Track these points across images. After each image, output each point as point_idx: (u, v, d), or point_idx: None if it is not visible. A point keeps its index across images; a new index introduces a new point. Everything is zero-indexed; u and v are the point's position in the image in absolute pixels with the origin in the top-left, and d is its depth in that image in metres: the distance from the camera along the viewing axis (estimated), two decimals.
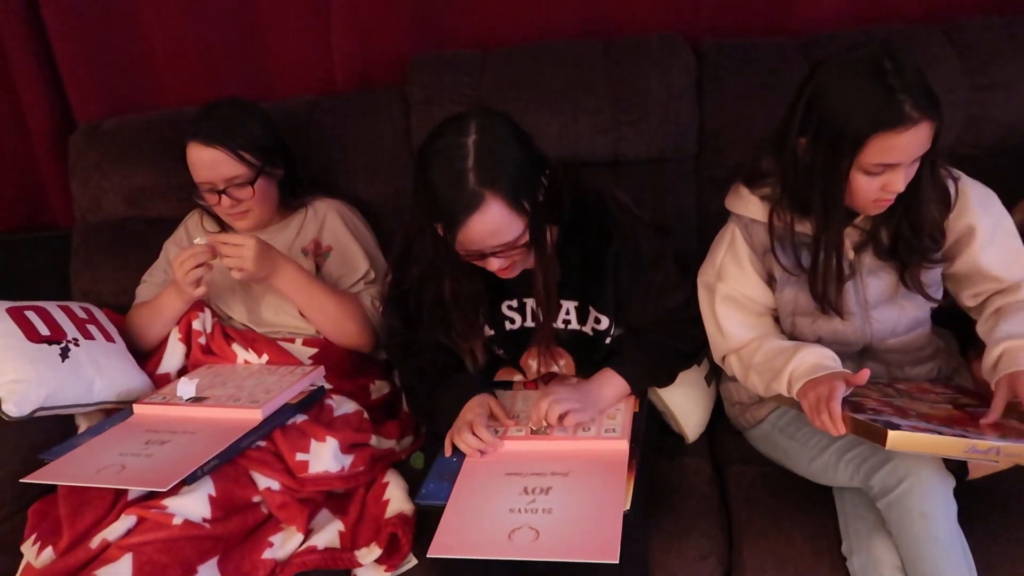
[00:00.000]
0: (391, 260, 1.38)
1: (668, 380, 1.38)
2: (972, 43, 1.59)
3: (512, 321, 1.36)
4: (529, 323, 1.35)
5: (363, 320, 1.52)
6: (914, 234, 1.19)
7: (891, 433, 0.99)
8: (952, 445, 1.01)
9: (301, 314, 1.51)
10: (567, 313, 1.33)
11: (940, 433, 1.01)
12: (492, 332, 1.36)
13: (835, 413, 1.07)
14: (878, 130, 1.07)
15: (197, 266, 1.40)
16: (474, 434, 1.22)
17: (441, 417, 1.30)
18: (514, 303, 1.34)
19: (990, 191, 1.25)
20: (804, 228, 1.22)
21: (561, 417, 1.21)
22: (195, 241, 1.42)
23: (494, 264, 1.20)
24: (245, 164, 1.46)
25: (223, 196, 1.47)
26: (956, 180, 1.23)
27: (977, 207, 1.22)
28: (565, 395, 1.24)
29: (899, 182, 1.11)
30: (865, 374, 1.10)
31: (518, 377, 1.43)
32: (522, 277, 1.28)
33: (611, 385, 1.31)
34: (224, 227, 1.61)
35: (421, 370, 1.36)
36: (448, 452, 1.24)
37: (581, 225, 1.28)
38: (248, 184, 1.47)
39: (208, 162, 1.45)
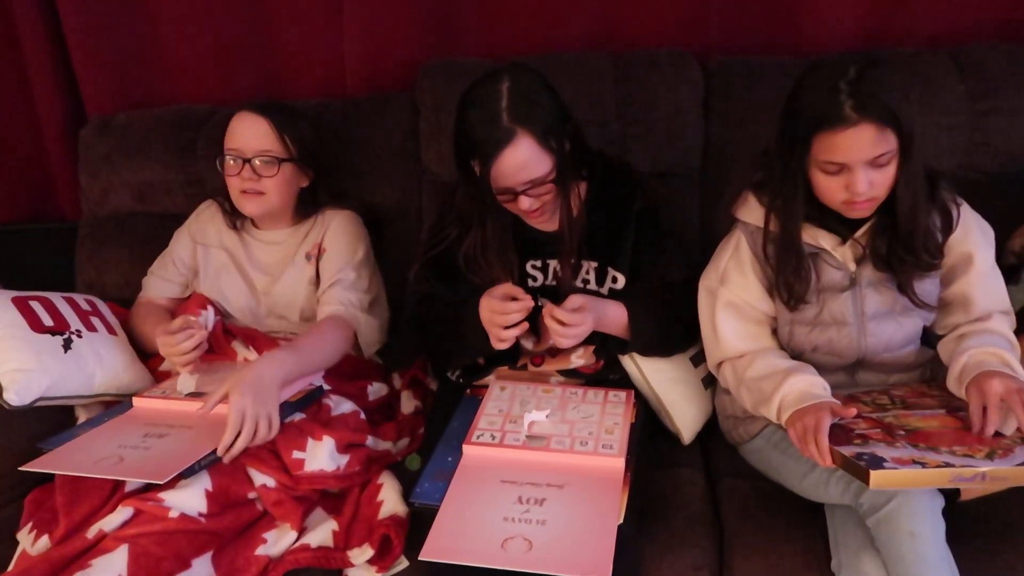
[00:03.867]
0: (427, 225, 1.47)
1: (664, 343, 1.40)
2: (977, 69, 1.60)
3: (535, 279, 1.42)
4: (550, 282, 1.42)
5: (347, 337, 1.48)
6: (906, 242, 1.20)
7: (873, 473, 1.00)
8: (936, 477, 1.02)
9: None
10: (587, 273, 1.40)
11: (924, 464, 1.02)
12: None
13: (823, 446, 1.09)
14: (819, 128, 1.11)
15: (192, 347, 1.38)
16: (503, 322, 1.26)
17: (472, 333, 1.32)
18: (538, 263, 1.42)
19: (988, 225, 1.27)
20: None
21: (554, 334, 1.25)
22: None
23: (524, 203, 1.29)
24: (282, 144, 1.48)
25: (246, 166, 1.47)
26: (959, 205, 1.24)
27: (980, 238, 1.25)
28: (584, 326, 1.27)
29: (858, 183, 1.12)
30: (852, 411, 1.13)
31: (527, 343, 1.44)
32: (547, 237, 1.39)
33: (615, 308, 1.34)
34: (235, 221, 1.61)
35: (447, 309, 1.38)
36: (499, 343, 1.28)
37: (609, 187, 1.41)
38: (276, 162, 1.47)
39: (249, 128, 1.47)
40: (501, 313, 1.26)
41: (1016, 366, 1.16)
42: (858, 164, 1.12)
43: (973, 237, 1.24)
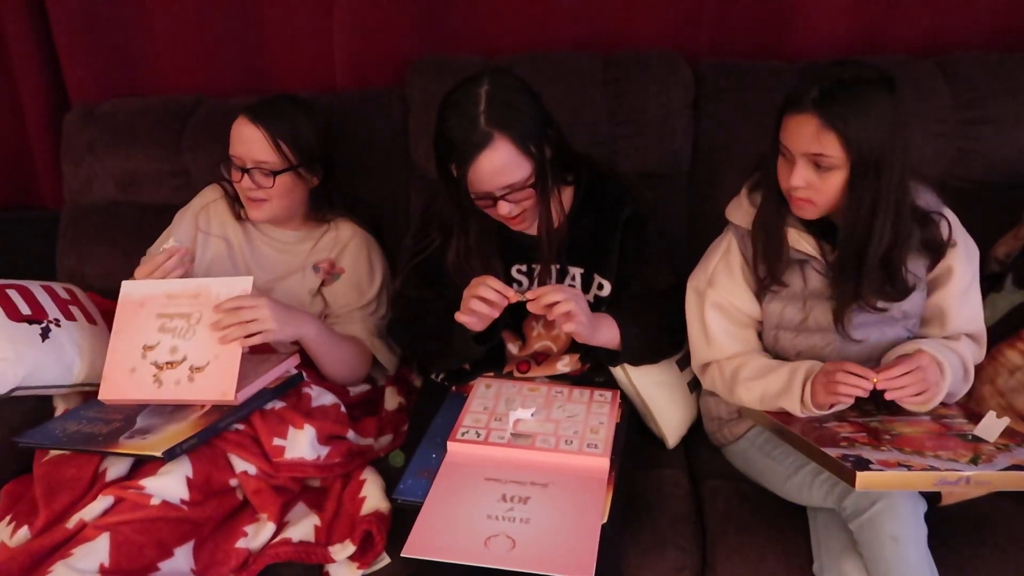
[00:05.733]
0: (411, 231, 1.46)
1: (653, 353, 1.40)
2: (965, 77, 1.62)
3: (520, 284, 1.41)
4: (536, 287, 1.38)
5: (367, 360, 1.53)
6: (857, 262, 1.19)
7: (860, 474, 1.01)
8: (921, 480, 1.03)
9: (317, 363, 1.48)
10: (573, 279, 1.39)
11: (910, 467, 1.03)
12: None
13: (852, 369, 1.12)
14: (786, 107, 1.15)
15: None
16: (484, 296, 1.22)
17: (460, 339, 1.31)
18: (523, 267, 1.41)
19: (974, 245, 1.28)
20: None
21: (557, 314, 1.22)
22: (166, 246, 1.40)
23: (503, 209, 1.28)
24: (278, 154, 1.44)
25: (245, 176, 1.46)
26: (952, 225, 1.24)
27: (963, 255, 1.25)
28: (580, 303, 1.24)
29: (793, 175, 1.15)
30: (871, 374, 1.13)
31: (512, 347, 1.44)
32: (532, 242, 1.36)
33: (607, 326, 1.32)
34: (240, 212, 1.58)
35: (435, 318, 1.36)
36: (466, 315, 1.24)
37: (596, 194, 1.39)
38: (272, 174, 1.45)
39: (245, 138, 1.44)
40: (480, 284, 1.23)
41: (944, 386, 1.17)
42: (798, 153, 1.14)
43: (958, 252, 1.25)
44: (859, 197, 1.14)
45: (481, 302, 1.22)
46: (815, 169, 1.14)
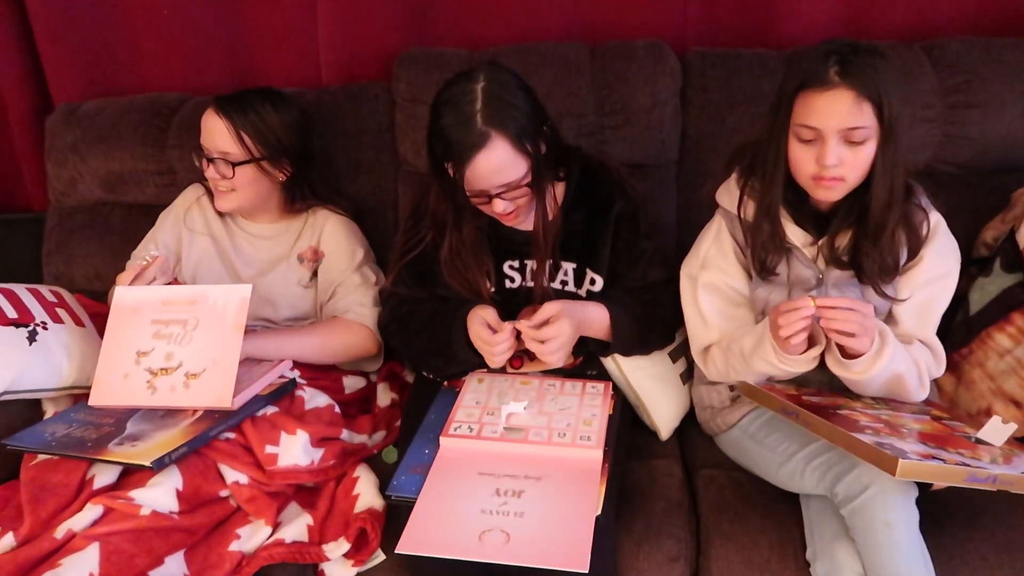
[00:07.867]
0: (401, 227, 1.46)
1: (643, 343, 1.40)
2: (950, 62, 1.61)
3: (512, 280, 1.40)
4: (528, 283, 1.40)
5: (358, 339, 1.50)
6: (874, 236, 1.19)
7: (901, 462, 0.99)
8: (954, 474, 1.03)
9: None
10: (565, 274, 1.39)
11: (943, 461, 1.03)
12: (493, 289, 1.39)
13: (782, 307, 1.12)
14: (802, 88, 1.13)
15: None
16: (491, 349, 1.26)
17: (464, 351, 1.31)
18: (515, 263, 1.40)
19: (957, 249, 1.27)
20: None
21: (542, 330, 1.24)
22: (149, 255, 1.42)
23: (499, 206, 1.27)
24: (241, 146, 1.45)
25: (211, 166, 1.47)
26: (931, 222, 1.23)
27: (936, 247, 1.24)
28: (568, 313, 1.26)
29: (827, 155, 1.13)
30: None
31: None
32: (524, 238, 1.36)
33: (597, 313, 1.33)
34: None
35: (428, 320, 1.38)
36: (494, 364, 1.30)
37: (587, 189, 1.39)
38: (231, 166, 1.46)
39: (210, 129, 1.46)
40: (488, 344, 1.26)
41: (882, 358, 1.13)
42: (831, 133, 1.12)
43: (933, 247, 1.24)
44: (887, 163, 1.14)
45: (500, 355, 1.26)
46: (847, 146, 1.13)
